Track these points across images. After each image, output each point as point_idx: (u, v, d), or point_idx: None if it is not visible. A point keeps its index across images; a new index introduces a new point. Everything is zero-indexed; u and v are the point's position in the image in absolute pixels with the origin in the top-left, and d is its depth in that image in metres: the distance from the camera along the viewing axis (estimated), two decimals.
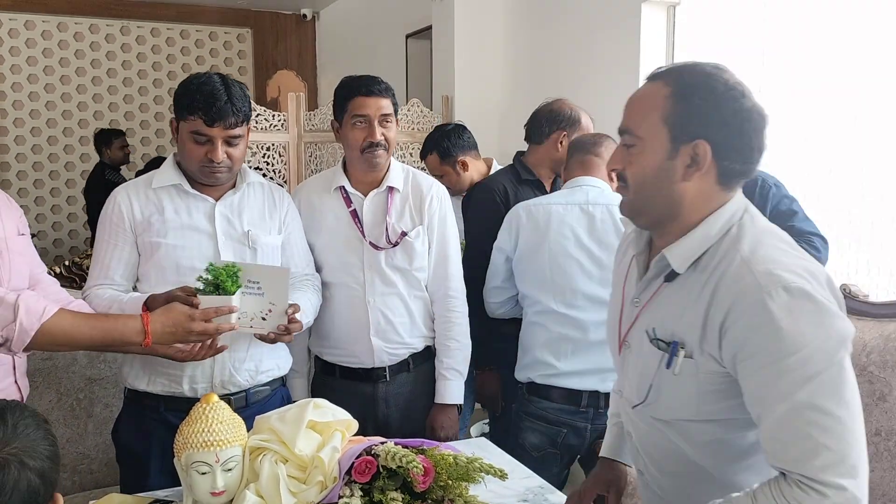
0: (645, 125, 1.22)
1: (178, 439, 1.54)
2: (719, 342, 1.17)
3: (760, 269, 1.13)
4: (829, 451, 1.09)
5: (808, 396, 1.09)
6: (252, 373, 1.99)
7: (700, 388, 1.22)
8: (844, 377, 1.12)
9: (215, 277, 1.71)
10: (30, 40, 6.83)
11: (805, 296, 1.11)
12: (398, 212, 2.19)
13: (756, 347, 1.12)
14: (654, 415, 1.31)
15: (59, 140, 7.00)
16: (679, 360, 1.22)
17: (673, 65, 1.26)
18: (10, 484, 1.02)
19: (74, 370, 2.39)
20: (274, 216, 2.06)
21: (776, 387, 1.11)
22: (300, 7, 7.45)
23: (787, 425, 1.11)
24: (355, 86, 2.13)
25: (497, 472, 1.49)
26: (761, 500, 1.13)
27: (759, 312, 1.11)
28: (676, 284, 1.24)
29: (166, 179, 1.94)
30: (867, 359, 1.98)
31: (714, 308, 1.17)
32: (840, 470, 1.09)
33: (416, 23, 5.22)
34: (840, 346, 1.12)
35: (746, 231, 1.19)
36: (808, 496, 1.09)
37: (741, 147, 1.20)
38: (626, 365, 1.37)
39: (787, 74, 2.88)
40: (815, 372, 1.09)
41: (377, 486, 1.47)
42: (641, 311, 1.31)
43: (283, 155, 3.78)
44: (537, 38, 4.00)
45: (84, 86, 7.02)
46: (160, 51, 7.28)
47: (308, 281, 2.13)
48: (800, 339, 1.09)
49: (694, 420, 1.26)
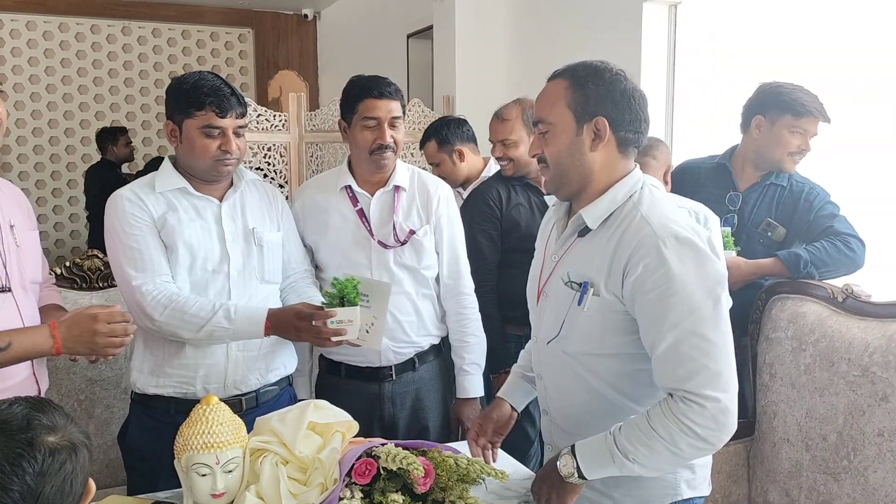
0: (554, 113, 1.48)
1: (178, 441, 1.53)
2: (622, 282, 1.40)
3: (656, 222, 1.39)
4: (707, 370, 1.33)
5: (691, 326, 1.34)
6: (263, 371, 2.00)
7: (604, 324, 1.45)
8: (719, 310, 1.37)
9: (340, 291, 1.79)
10: (31, 41, 6.83)
11: (691, 244, 1.37)
12: (405, 211, 2.21)
13: (651, 285, 1.36)
14: (564, 349, 1.52)
15: (61, 141, 7.00)
16: (588, 297, 1.44)
17: (568, 64, 1.53)
18: (78, 466, 1.04)
19: (75, 371, 2.39)
20: (272, 213, 2.07)
21: (666, 318, 1.35)
22: (301, 7, 7.45)
23: (674, 350, 1.35)
24: (366, 87, 2.13)
25: (497, 473, 1.48)
26: (653, 416, 1.37)
27: (655, 256, 1.35)
28: (587, 238, 1.49)
29: (170, 183, 1.92)
30: (870, 359, 1.97)
31: (618, 254, 1.41)
32: (716, 385, 1.34)
33: (418, 22, 5.22)
34: (717, 284, 1.37)
35: (645, 197, 1.46)
36: (690, 408, 1.33)
37: (631, 119, 1.47)
38: (542, 312, 1.58)
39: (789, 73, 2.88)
40: (696, 306, 1.34)
41: (377, 487, 1.46)
42: (558, 263, 1.55)
43: (284, 155, 3.78)
44: (538, 37, 3.99)
45: (85, 86, 7.03)
46: (161, 51, 7.28)
47: (311, 278, 2.15)
48: (685, 279, 1.34)
49: (598, 354, 1.48)
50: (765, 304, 2.32)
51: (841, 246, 2.24)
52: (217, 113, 1.84)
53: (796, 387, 2.17)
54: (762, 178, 2.44)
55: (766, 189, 2.43)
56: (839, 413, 2.03)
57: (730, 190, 2.47)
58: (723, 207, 2.45)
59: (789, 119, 2.35)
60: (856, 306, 2.10)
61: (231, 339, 1.90)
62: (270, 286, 2.02)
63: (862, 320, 2.06)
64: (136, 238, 1.87)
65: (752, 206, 2.43)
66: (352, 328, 1.83)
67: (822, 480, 2.08)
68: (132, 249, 1.87)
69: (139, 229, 1.87)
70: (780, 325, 2.25)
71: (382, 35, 5.93)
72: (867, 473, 1.96)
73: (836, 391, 2.04)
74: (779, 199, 2.40)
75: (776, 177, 2.42)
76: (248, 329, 1.87)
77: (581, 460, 1.43)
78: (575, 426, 1.56)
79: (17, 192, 1.87)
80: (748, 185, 2.46)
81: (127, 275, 1.86)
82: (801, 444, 2.14)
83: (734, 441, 2.33)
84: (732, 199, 2.45)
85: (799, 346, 2.17)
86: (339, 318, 1.81)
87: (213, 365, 1.93)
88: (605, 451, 1.41)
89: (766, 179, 2.43)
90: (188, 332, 1.85)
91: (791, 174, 2.42)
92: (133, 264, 1.86)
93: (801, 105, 2.33)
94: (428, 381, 2.28)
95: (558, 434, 1.63)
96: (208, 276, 1.92)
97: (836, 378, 2.05)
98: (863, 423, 1.97)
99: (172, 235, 1.89)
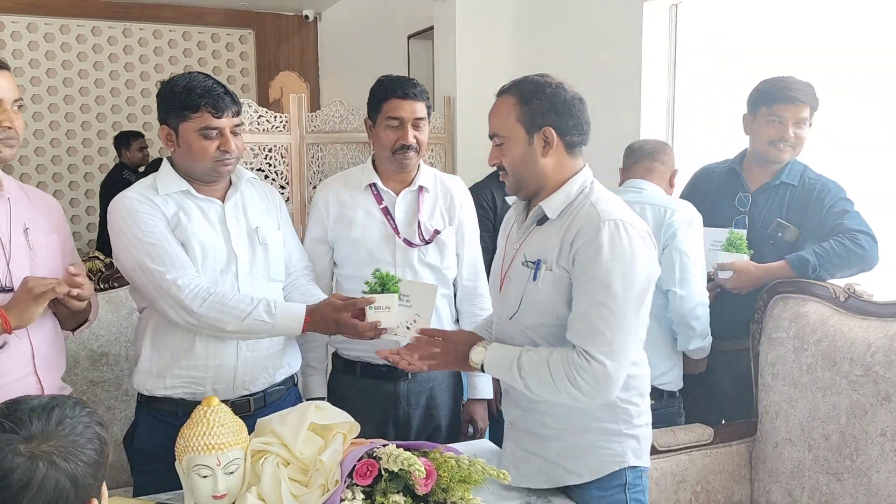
0: (506, 127, 1.67)
1: (179, 442, 1.53)
2: (570, 257, 1.59)
3: (601, 208, 1.60)
4: (603, 336, 1.54)
5: (602, 298, 1.54)
6: (270, 371, 2.01)
7: (555, 297, 1.63)
8: (633, 294, 1.56)
9: (380, 280, 1.86)
10: (32, 43, 6.84)
11: (627, 231, 1.56)
12: (429, 211, 2.23)
13: (583, 257, 1.57)
14: (524, 323, 1.69)
15: (62, 143, 7.01)
16: (542, 273, 1.64)
17: (513, 81, 1.70)
18: (37, 481, 0.99)
19: (77, 373, 2.39)
20: (271, 211, 2.07)
21: (585, 288, 1.57)
22: (302, 8, 7.46)
23: (584, 315, 1.57)
24: (392, 87, 2.15)
25: (499, 474, 1.48)
26: (553, 354, 1.59)
27: (593, 235, 1.56)
28: (545, 227, 1.68)
29: (173, 186, 1.91)
30: (872, 359, 1.97)
31: (568, 233, 1.61)
32: (606, 351, 1.54)
33: (418, 23, 5.22)
34: (639, 272, 1.56)
35: (595, 190, 1.67)
36: (580, 361, 1.55)
37: (574, 124, 1.66)
38: (506, 295, 1.75)
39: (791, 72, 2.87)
40: (611, 283, 1.54)
41: (379, 488, 1.46)
42: (518, 249, 1.73)
43: (285, 156, 3.78)
44: (539, 37, 3.99)
45: (87, 88, 7.03)
46: (162, 53, 7.29)
47: (310, 275, 2.16)
48: (610, 258, 1.54)
49: (552, 325, 1.65)
50: (766, 304, 2.31)
51: (849, 244, 2.22)
52: (213, 114, 1.83)
53: (798, 387, 2.16)
54: (771, 177, 2.43)
55: (776, 189, 2.42)
56: (841, 413, 2.03)
57: (739, 192, 2.47)
58: (734, 210, 2.45)
59: (764, 110, 2.38)
60: (858, 306, 2.09)
61: (269, 334, 1.89)
62: (275, 284, 2.02)
63: (864, 320, 2.06)
64: (155, 235, 1.84)
65: (762, 207, 2.42)
66: (388, 315, 1.86)
67: (824, 480, 2.07)
68: (154, 247, 1.83)
69: (156, 227, 1.85)
70: (782, 324, 2.24)
71: (383, 36, 5.93)
72: (870, 473, 1.95)
73: (839, 391, 2.04)
74: (790, 198, 2.39)
75: (786, 175, 2.40)
76: (288, 324, 1.87)
77: (489, 356, 1.69)
78: (530, 402, 1.72)
79: (47, 199, 1.88)
80: (758, 186, 2.45)
81: (157, 272, 1.82)
82: (804, 444, 2.14)
83: (736, 441, 2.33)
84: (742, 201, 2.45)
85: (801, 346, 2.17)
86: (378, 303, 1.85)
87: (222, 365, 1.92)
88: (508, 360, 1.65)
89: (775, 179, 2.42)
90: (230, 323, 1.83)
91: (804, 172, 2.41)
92: (160, 261, 1.83)
93: (773, 93, 2.36)
94: (441, 380, 2.30)
95: (517, 413, 1.79)
96: (217, 277, 1.91)
97: (839, 378, 2.04)
98: (865, 423, 1.97)
99: (185, 234, 1.88)
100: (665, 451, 2.24)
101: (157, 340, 1.93)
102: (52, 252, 1.80)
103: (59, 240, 1.83)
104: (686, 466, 2.26)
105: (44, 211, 1.83)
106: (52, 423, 1.04)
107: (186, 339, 1.91)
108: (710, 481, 2.29)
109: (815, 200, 2.35)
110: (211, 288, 1.84)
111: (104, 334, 2.40)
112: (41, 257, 1.76)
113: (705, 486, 2.29)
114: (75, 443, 1.04)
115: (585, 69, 3.64)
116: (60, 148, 7.00)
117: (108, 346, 2.41)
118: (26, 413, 1.05)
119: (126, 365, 2.41)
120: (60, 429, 1.04)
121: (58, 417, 1.05)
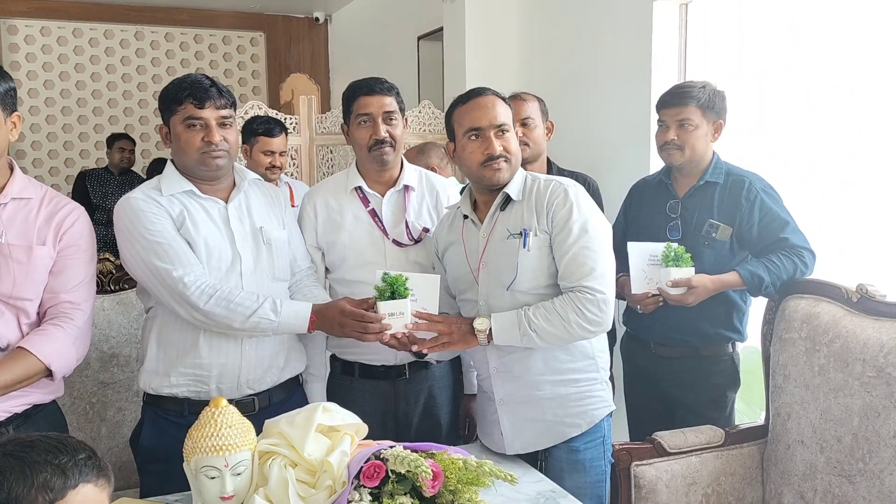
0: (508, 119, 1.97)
1: (187, 444, 1.54)
2: (549, 220, 1.90)
3: (557, 180, 1.96)
4: (595, 271, 1.84)
5: (585, 242, 1.86)
6: (275, 371, 2.01)
7: (545, 258, 1.90)
8: (605, 233, 1.93)
9: (390, 285, 1.87)
10: (45, 46, 6.90)
11: (583, 192, 1.94)
12: (416, 210, 2.23)
13: (561, 215, 1.88)
14: (520, 289, 1.91)
15: (76, 145, 7.06)
16: (530, 239, 1.90)
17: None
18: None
19: (87, 374, 2.40)
20: (276, 212, 2.08)
21: (569, 238, 1.86)
22: (312, 10, 7.48)
23: (574, 259, 1.86)
24: (358, 86, 2.18)
25: (506, 476, 1.48)
26: (556, 301, 1.85)
27: (563, 197, 1.90)
28: (508, 210, 1.96)
29: (176, 187, 1.93)
30: (885, 360, 1.94)
31: (539, 203, 1.92)
32: (601, 282, 1.84)
33: (428, 24, 5.22)
34: (599, 215, 1.93)
35: (537, 176, 2.01)
36: (584, 296, 1.83)
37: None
38: (488, 277, 1.96)
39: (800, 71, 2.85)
40: (588, 228, 1.87)
41: (386, 490, 1.46)
42: (490, 234, 1.97)
43: (296, 158, 3.79)
44: (549, 37, 3.98)
45: (99, 90, 7.08)
46: (174, 55, 7.33)
47: (314, 275, 2.17)
48: (581, 211, 1.88)
49: (546, 285, 1.91)
50: (778, 305, 2.29)
51: (797, 262, 2.25)
52: (195, 104, 1.86)
53: (810, 388, 2.14)
54: (697, 180, 2.42)
55: (702, 190, 2.41)
56: (854, 414, 2.01)
57: (669, 199, 2.46)
58: (666, 217, 2.44)
59: (658, 117, 2.45)
60: (870, 306, 2.07)
61: (274, 332, 1.90)
62: (281, 284, 2.03)
63: (877, 320, 2.03)
64: (161, 234, 1.86)
65: (692, 211, 2.41)
66: (400, 320, 1.87)
67: (836, 483, 2.05)
68: (160, 245, 1.85)
69: (161, 225, 1.87)
70: (794, 325, 2.22)
71: (393, 37, 5.94)
72: (883, 476, 1.93)
73: (851, 392, 2.02)
74: (719, 197, 2.38)
75: (710, 175, 2.39)
76: (293, 323, 1.89)
77: (494, 323, 1.87)
78: (523, 371, 1.94)
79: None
80: (685, 191, 2.45)
81: (164, 269, 1.84)
82: (816, 446, 2.12)
83: (748, 443, 2.32)
84: (672, 207, 2.44)
85: (813, 347, 2.15)
86: (391, 310, 1.86)
87: (226, 364, 1.94)
88: (514, 321, 1.86)
89: (700, 181, 2.41)
90: (237, 320, 1.85)
91: (728, 169, 2.40)
92: (167, 259, 1.85)
93: (659, 100, 2.44)
94: (440, 378, 2.30)
95: (510, 387, 1.97)
96: (222, 276, 1.92)
97: (851, 379, 2.02)
98: (878, 425, 1.95)
99: (190, 234, 1.90)
100: (675, 452, 2.22)
101: (162, 339, 1.95)
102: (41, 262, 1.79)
103: (47, 255, 1.81)
104: (697, 468, 2.24)
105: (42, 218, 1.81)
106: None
107: (190, 337, 1.93)
108: (722, 483, 2.27)
109: (744, 201, 2.33)
110: (217, 285, 1.86)
111: (115, 336, 2.42)
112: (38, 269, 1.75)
113: (716, 488, 2.27)
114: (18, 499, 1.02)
115: (595, 69, 3.62)
116: (73, 151, 7.05)
117: (118, 348, 2.42)
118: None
119: (136, 366, 2.42)
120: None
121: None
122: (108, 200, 5.56)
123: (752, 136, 2.50)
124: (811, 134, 2.83)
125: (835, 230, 2.72)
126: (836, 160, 2.77)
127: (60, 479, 1.06)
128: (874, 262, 2.68)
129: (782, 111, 2.95)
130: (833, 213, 2.76)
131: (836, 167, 2.76)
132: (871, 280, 2.12)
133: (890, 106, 2.59)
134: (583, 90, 3.70)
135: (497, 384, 1.99)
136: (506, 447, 1.99)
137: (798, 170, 2.84)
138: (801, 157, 2.87)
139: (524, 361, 1.94)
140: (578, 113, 3.67)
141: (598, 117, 3.60)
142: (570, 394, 1.95)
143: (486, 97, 1.96)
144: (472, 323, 1.89)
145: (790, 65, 2.89)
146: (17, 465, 1.05)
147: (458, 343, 1.90)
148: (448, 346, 1.90)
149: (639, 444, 2.23)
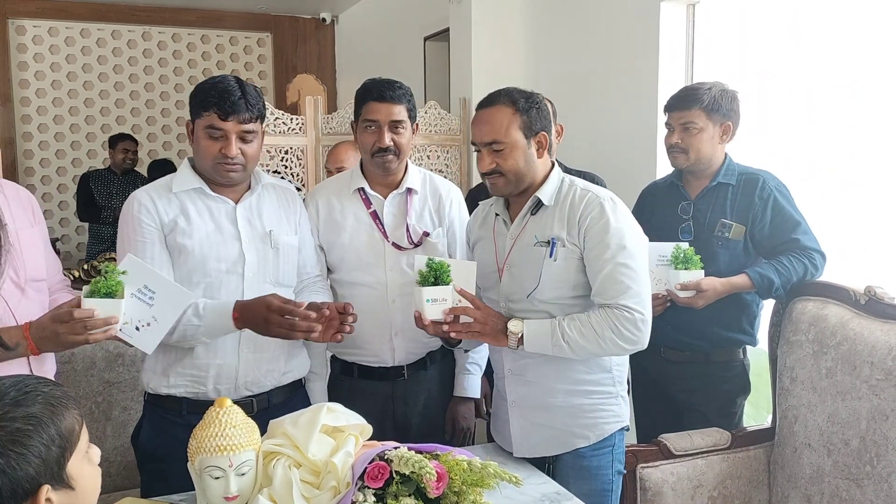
0: (508, 135, 1.87)
1: (191, 444, 1.53)
2: (578, 231, 1.86)
3: (594, 190, 1.90)
4: (631, 289, 1.80)
5: (622, 259, 1.81)
6: (275, 374, 2.01)
7: (571, 270, 1.87)
8: (642, 250, 1.88)
9: (434, 270, 1.85)
10: (53, 46, 6.92)
11: (622, 205, 1.89)
12: (417, 213, 2.22)
13: (596, 231, 1.83)
14: (542, 297, 1.89)
15: (83, 145, 7.08)
16: (557, 249, 1.87)
17: (498, 92, 1.91)
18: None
19: (93, 373, 2.41)
20: (290, 217, 2.08)
21: (605, 254, 1.81)
22: (319, 11, 7.49)
23: (610, 276, 1.81)
24: (369, 90, 2.16)
25: (511, 477, 1.47)
26: (592, 315, 1.82)
27: (600, 211, 1.84)
28: (539, 214, 1.93)
29: (186, 184, 1.94)
30: (893, 363, 1.93)
31: (572, 213, 1.87)
32: (637, 301, 1.80)
33: (434, 25, 5.22)
34: (637, 231, 1.88)
35: (574, 180, 1.96)
36: (622, 314, 1.79)
37: (551, 128, 1.96)
38: (511, 280, 1.95)
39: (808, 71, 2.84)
40: (624, 245, 1.81)
41: (390, 491, 1.45)
42: (518, 237, 1.94)
43: (301, 158, 3.79)
44: (555, 38, 3.97)
45: (107, 91, 7.10)
46: (181, 56, 7.35)
47: (323, 283, 2.16)
48: (619, 227, 1.83)
49: (569, 297, 1.89)
50: (785, 307, 2.28)
51: (808, 264, 2.24)
52: (219, 115, 1.86)
53: (818, 391, 2.13)
54: (709, 181, 2.41)
55: (715, 191, 2.40)
56: (862, 418, 1.99)
57: (681, 201, 2.46)
58: (678, 219, 2.44)
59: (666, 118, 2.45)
60: (879, 308, 2.06)
61: (204, 336, 1.87)
62: (284, 289, 2.02)
63: (885, 323, 2.02)
64: (133, 241, 1.89)
65: (704, 211, 2.40)
66: (441, 306, 1.85)
67: (844, 486, 2.04)
68: (136, 251, 1.88)
69: (142, 235, 1.89)
70: (801, 327, 2.21)
71: (399, 38, 5.94)
72: (891, 479, 1.92)
73: (859, 395, 2.00)
74: (732, 197, 2.37)
75: (723, 176, 2.39)
76: (218, 323, 1.85)
77: (527, 328, 1.84)
78: (537, 376, 1.93)
79: (20, 191, 1.88)
80: (697, 193, 2.44)
81: None
82: (823, 450, 2.10)
83: (754, 445, 2.31)
84: (684, 209, 2.44)
85: (820, 350, 2.13)
86: (433, 296, 1.84)
87: (223, 365, 1.93)
88: (547, 330, 1.83)
89: (712, 182, 2.40)
90: (171, 335, 1.82)
91: (740, 169, 2.40)
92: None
93: (667, 102, 2.44)
94: (438, 380, 2.29)
95: (522, 391, 1.96)
96: (222, 277, 1.93)
97: (859, 382, 2.01)
98: (886, 428, 1.93)
99: (183, 236, 1.90)
100: (682, 455, 2.21)
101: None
102: (34, 246, 1.82)
103: (37, 233, 1.86)
104: (703, 471, 2.23)
105: (24, 204, 1.85)
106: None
107: None
108: (728, 486, 2.26)
109: (758, 200, 2.33)
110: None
111: None
112: (25, 253, 1.77)
113: (722, 490, 2.26)
114: (15, 438, 1.04)
115: (602, 70, 3.62)
116: (81, 151, 7.07)
117: (123, 347, 2.43)
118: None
119: (141, 366, 2.42)
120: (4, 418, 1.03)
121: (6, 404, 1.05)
122: (112, 200, 5.65)
123: (754, 137, 2.49)
124: (812, 134, 2.82)
125: (835, 230, 2.70)
126: (837, 161, 2.75)
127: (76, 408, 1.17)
128: (874, 263, 2.67)
129: (783, 111, 2.94)
130: (833, 214, 2.75)
131: (836, 168, 2.74)
132: (872, 280, 2.11)
133: (891, 107, 2.57)
134: (589, 91, 3.69)
135: (510, 386, 1.98)
136: (514, 449, 1.98)
137: (799, 170, 2.83)
138: (801, 158, 2.86)
139: (539, 367, 1.93)
140: (585, 113, 3.66)
141: (604, 118, 3.59)
142: (582, 404, 1.92)
143: (484, 110, 1.93)
144: (507, 322, 1.87)
145: (791, 65, 2.88)
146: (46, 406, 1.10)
147: (488, 336, 1.88)
148: (478, 336, 1.88)
149: (644, 447, 2.22)
